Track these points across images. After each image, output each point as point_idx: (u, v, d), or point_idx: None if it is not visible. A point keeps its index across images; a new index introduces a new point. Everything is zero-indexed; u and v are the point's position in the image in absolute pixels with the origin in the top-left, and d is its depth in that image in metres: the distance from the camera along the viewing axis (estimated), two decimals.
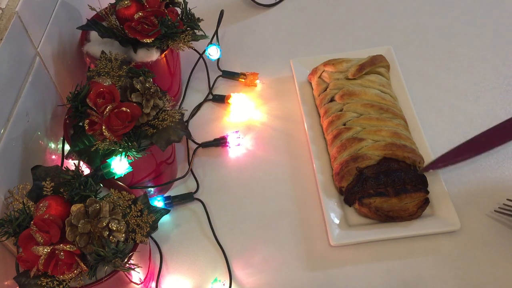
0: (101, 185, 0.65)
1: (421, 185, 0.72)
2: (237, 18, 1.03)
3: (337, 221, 0.72)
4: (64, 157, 0.72)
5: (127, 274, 0.60)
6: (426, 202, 0.71)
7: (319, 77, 0.86)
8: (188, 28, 0.79)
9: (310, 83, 0.88)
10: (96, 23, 0.78)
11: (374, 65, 0.84)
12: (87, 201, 0.57)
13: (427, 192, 0.72)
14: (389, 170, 0.72)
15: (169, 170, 0.79)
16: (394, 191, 0.71)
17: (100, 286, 0.57)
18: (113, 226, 0.56)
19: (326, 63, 0.86)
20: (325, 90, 0.84)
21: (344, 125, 0.78)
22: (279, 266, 0.71)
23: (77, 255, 0.55)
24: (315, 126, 0.83)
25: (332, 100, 0.82)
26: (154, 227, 0.61)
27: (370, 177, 0.72)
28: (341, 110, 0.80)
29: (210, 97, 0.90)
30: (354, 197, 0.72)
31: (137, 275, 0.63)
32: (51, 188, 0.60)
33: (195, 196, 0.78)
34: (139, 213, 0.60)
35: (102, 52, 0.75)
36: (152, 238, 0.73)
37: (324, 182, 0.76)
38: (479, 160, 0.79)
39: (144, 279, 0.66)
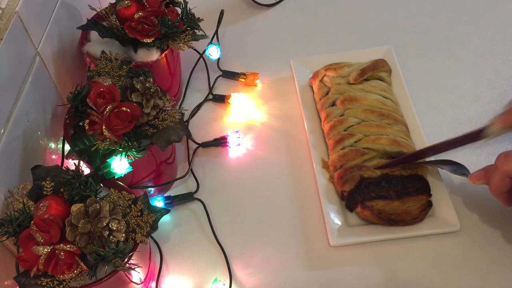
0: (101, 185, 0.65)
1: (424, 188, 0.72)
2: (237, 18, 1.03)
3: (337, 221, 0.72)
4: (64, 157, 0.72)
5: (127, 274, 0.61)
6: (429, 205, 0.71)
7: (320, 81, 0.86)
8: (188, 28, 0.79)
9: (311, 87, 0.88)
10: (96, 23, 0.78)
11: (376, 69, 0.83)
12: (87, 201, 0.57)
13: (430, 195, 0.71)
14: (390, 176, 0.72)
15: (169, 170, 0.79)
16: (396, 194, 0.71)
17: (100, 286, 0.57)
18: (113, 226, 0.56)
19: (327, 68, 0.85)
20: (327, 94, 0.84)
21: (345, 130, 0.78)
22: (279, 266, 0.71)
23: (77, 255, 0.55)
24: (316, 130, 0.83)
25: (333, 104, 0.82)
26: (154, 227, 0.61)
27: (372, 182, 0.72)
28: (342, 115, 0.80)
29: (210, 97, 0.90)
30: (356, 200, 0.71)
31: (137, 275, 0.63)
32: (51, 188, 0.60)
33: (195, 196, 0.78)
34: (139, 213, 0.60)
35: (102, 52, 0.75)
36: (152, 238, 0.73)
37: (325, 184, 0.76)
38: (480, 161, 0.79)
39: (144, 279, 0.66)
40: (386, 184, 0.71)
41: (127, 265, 0.57)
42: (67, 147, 0.71)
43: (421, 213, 0.70)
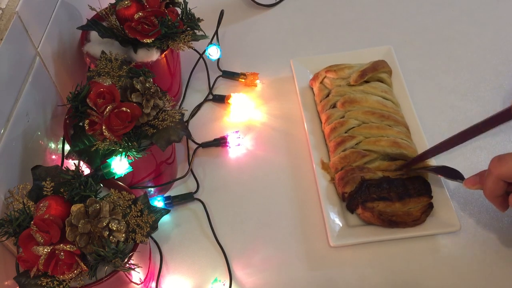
0: (101, 185, 0.65)
1: (425, 190, 0.72)
2: (237, 18, 1.03)
3: (336, 222, 0.72)
4: (64, 157, 0.72)
5: (127, 274, 0.60)
6: (430, 206, 0.71)
7: (321, 82, 0.86)
8: (188, 28, 0.79)
9: (311, 88, 0.88)
10: (96, 23, 0.78)
11: (376, 70, 0.83)
12: (87, 201, 0.57)
13: (431, 197, 0.71)
14: (391, 178, 0.72)
15: (169, 170, 0.79)
16: (397, 195, 0.71)
17: (100, 286, 0.57)
18: (113, 226, 0.56)
19: (327, 69, 0.85)
20: (327, 96, 0.84)
21: (346, 132, 0.78)
22: (279, 266, 0.71)
23: (77, 255, 0.55)
24: (317, 131, 0.83)
25: (334, 106, 0.82)
26: (154, 227, 0.61)
27: (373, 184, 0.72)
28: (343, 117, 0.80)
29: (210, 97, 0.90)
30: (357, 201, 0.71)
31: (137, 275, 0.63)
32: (51, 188, 0.60)
33: (195, 196, 0.78)
34: (139, 213, 0.60)
35: (102, 52, 0.75)
36: (152, 238, 0.73)
37: (325, 185, 0.76)
38: (480, 160, 0.79)
39: (144, 279, 0.66)
40: (387, 186, 0.71)
41: (127, 265, 0.57)
42: (67, 147, 0.71)
43: (422, 214, 0.70)
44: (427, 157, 0.73)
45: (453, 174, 0.70)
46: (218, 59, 0.93)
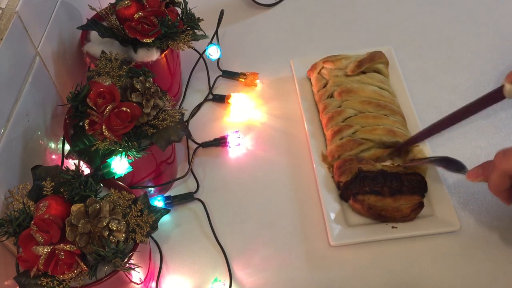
0: (101, 185, 0.65)
1: (419, 189, 0.72)
2: (237, 18, 1.03)
3: (337, 221, 0.72)
4: (64, 157, 0.72)
5: (127, 274, 0.60)
6: (420, 205, 0.71)
7: (318, 73, 0.87)
8: (188, 28, 0.79)
9: (309, 79, 0.89)
10: (96, 23, 0.78)
11: (373, 61, 0.84)
12: (87, 201, 0.57)
13: (423, 196, 0.72)
14: (388, 172, 0.73)
15: (169, 170, 0.79)
16: (389, 191, 0.71)
17: (100, 286, 0.57)
18: (113, 226, 0.56)
19: (325, 60, 0.86)
20: (325, 86, 0.85)
21: (343, 122, 0.79)
22: (279, 266, 0.71)
23: (77, 255, 0.55)
24: (314, 121, 0.83)
25: (331, 96, 0.83)
26: (154, 227, 0.61)
27: (369, 176, 0.72)
28: (339, 107, 0.81)
29: (210, 97, 0.90)
30: (350, 192, 0.72)
31: (137, 275, 0.63)
32: (51, 188, 0.60)
33: (195, 196, 0.78)
34: (139, 213, 0.60)
35: (102, 52, 0.75)
36: (152, 238, 0.73)
37: (324, 177, 0.76)
38: (480, 160, 0.79)
39: (144, 279, 0.66)
40: (382, 179, 0.72)
41: (127, 265, 0.57)
42: (67, 147, 0.71)
43: (412, 212, 0.70)
44: (419, 140, 0.74)
45: (455, 165, 0.68)
46: (218, 59, 0.93)
